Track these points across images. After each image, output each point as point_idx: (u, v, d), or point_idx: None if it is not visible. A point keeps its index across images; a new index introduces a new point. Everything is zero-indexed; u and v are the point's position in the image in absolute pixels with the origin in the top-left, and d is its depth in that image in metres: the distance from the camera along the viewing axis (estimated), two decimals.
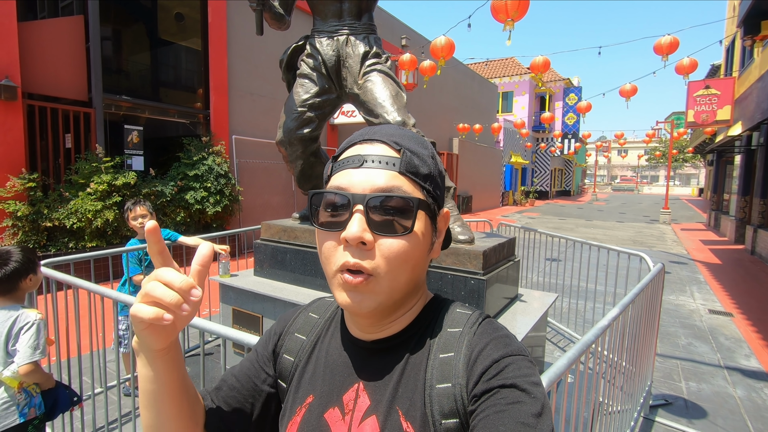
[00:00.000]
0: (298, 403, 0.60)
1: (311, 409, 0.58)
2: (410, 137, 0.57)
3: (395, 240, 0.51)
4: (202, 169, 6.84)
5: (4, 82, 4.99)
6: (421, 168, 0.54)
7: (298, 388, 0.61)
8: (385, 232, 0.51)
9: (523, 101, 25.44)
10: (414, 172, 0.54)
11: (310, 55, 2.57)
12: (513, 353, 0.50)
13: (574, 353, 1.30)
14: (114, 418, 2.52)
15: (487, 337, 0.53)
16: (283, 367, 0.65)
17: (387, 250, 0.50)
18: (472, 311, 0.58)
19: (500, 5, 4.20)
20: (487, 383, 0.48)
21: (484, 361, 0.49)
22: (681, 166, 49.04)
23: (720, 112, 10.05)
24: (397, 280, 0.52)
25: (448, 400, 0.50)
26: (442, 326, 0.57)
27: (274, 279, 2.75)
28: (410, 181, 0.53)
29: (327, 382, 0.58)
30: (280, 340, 0.67)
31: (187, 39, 7.61)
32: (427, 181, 0.55)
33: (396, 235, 0.51)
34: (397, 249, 0.51)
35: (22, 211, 5.05)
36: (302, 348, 0.64)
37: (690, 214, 19.90)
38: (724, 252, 9.35)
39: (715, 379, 3.41)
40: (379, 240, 0.50)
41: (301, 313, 0.70)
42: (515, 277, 2.55)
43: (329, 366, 0.60)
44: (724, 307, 5.31)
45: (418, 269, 0.55)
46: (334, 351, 0.61)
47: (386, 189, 0.51)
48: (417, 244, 0.53)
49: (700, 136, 14.88)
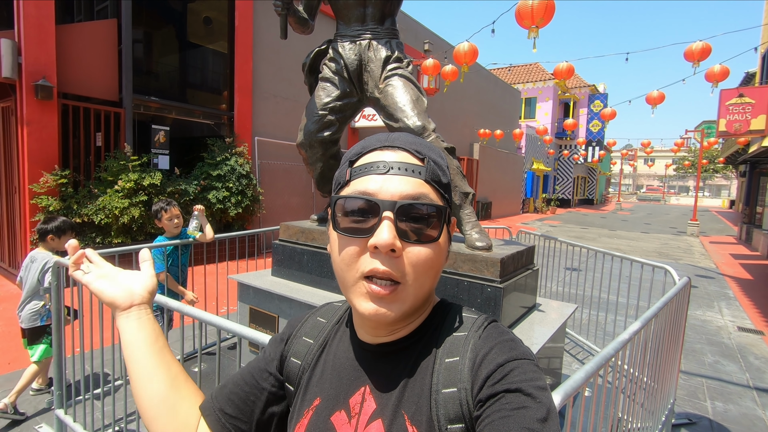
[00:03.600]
0: (305, 405, 0.60)
1: (318, 412, 0.58)
2: (429, 147, 0.57)
3: (423, 248, 0.51)
4: (224, 170, 6.98)
5: (41, 83, 5.21)
6: (443, 177, 0.55)
7: (306, 391, 0.62)
8: (412, 240, 0.51)
9: (546, 107, 25.06)
10: (437, 181, 0.54)
11: (333, 59, 2.60)
12: (518, 357, 0.49)
13: (592, 367, 1.27)
14: (133, 410, 2.59)
15: (492, 341, 0.52)
16: (290, 370, 0.65)
17: (415, 258, 0.51)
18: (478, 315, 0.58)
19: (525, 11, 4.15)
20: (491, 388, 0.47)
21: (489, 366, 0.49)
22: (711, 177, 47.37)
23: (754, 121, 9.65)
24: (422, 288, 0.52)
25: (454, 405, 0.49)
26: (448, 330, 0.56)
27: (291, 280, 2.77)
28: (434, 190, 0.54)
29: (334, 385, 0.59)
30: (288, 344, 0.68)
31: (215, 42, 7.80)
32: (447, 190, 0.56)
33: (423, 243, 0.51)
34: (425, 257, 0.51)
35: (54, 206, 5.26)
36: (309, 351, 0.65)
37: (720, 227, 19.17)
38: (756, 267, 8.96)
39: (743, 400, 3.26)
40: (407, 248, 0.51)
41: (309, 318, 0.71)
42: (534, 286, 2.51)
43: (336, 369, 0.60)
44: (755, 325, 5.09)
45: (438, 276, 0.56)
46: (341, 354, 0.61)
47: (414, 196, 0.51)
48: (441, 251, 0.54)
49: (732, 146, 14.34)
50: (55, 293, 2.29)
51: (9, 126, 5.67)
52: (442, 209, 0.52)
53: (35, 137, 5.30)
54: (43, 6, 5.27)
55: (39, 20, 5.24)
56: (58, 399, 2.39)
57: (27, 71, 5.19)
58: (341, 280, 0.54)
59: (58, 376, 2.39)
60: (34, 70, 5.24)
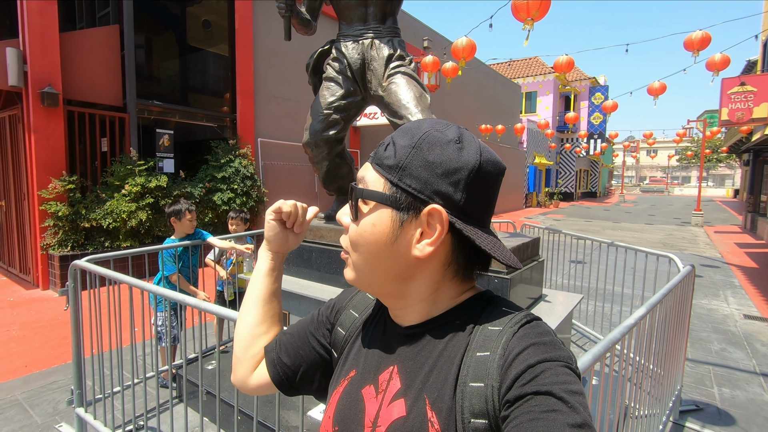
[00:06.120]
0: (343, 375, 0.65)
1: (352, 383, 0.62)
2: (407, 129, 0.57)
3: (353, 224, 0.59)
4: (229, 171, 7.04)
5: (47, 90, 5.28)
6: (387, 160, 0.55)
7: (345, 361, 0.66)
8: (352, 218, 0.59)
9: (547, 101, 25.00)
10: (379, 163, 0.56)
11: (336, 58, 2.64)
12: (552, 359, 0.47)
13: (600, 349, 1.31)
14: (152, 407, 2.65)
15: (527, 341, 0.50)
16: (336, 338, 0.71)
17: (350, 233, 0.59)
18: (518, 311, 0.56)
19: (521, 5, 4.18)
20: (520, 389, 0.45)
21: (519, 366, 0.47)
22: (714, 167, 47.11)
23: (756, 109, 9.61)
24: (356, 262, 0.59)
25: (479, 400, 0.49)
26: (484, 322, 0.55)
27: (300, 277, 2.82)
28: (376, 172, 0.57)
29: (368, 360, 0.62)
30: (338, 313, 0.73)
31: (215, 45, 7.85)
32: (392, 172, 0.54)
33: (353, 220, 0.59)
34: (353, 232, 0.58)
35: (63, 212, 5.33)
36: (353, 324, 0.70)
37: (724, 216, 19.10)
38: (761, 255, 8.95)
39: (750, 386, 3.29)
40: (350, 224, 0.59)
41: (360, 291, 0.75)
42: (539, 278, 2.54)
43: (372, 345, 0.64)
44: (761, 313, 5.10)
45: (376, 259, 0.56)
46: (378, 332, 0.65)
47: (357, 179, 0.59)
48: (370, 233, 0.56)
49: (735, 135, 14.28)
50: (73, 296, 2.35)
51: (16, 133, 5.75)
52: (356, 190, 0.57)
53: (42, 144, 5.37)
54: (47, 14, 5.33)
55: (43, 28, 5.31)
56: (78, 398, 2.46)
57: (32, 79, 5.26)
58: None
59: (77, 376, 2.45)
60: (39, 78, 5.30)
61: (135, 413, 2.30)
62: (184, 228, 3.18)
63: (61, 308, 4.77)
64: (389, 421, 0.54)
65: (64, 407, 2.79)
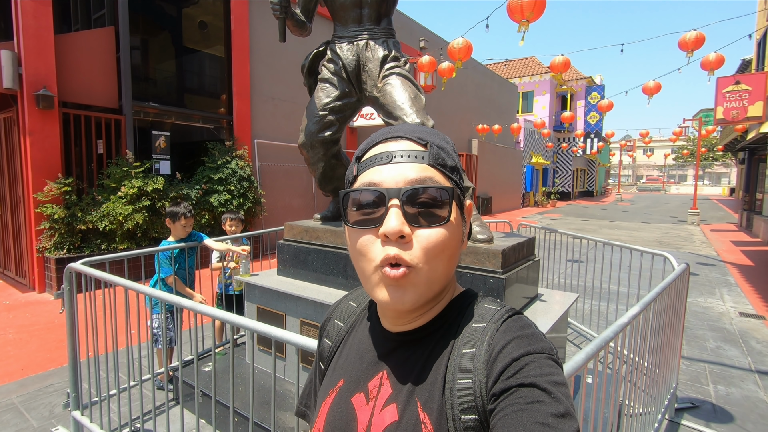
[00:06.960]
0: (331, 385, 0.64)
1: (341, 393, 0.61)
2: (432, 133, 0.58)
3: (433, 230, 0.51)
4: (225, 173, 7.03)
5: (42, 92, 5.26)
6: (448, 160, 0.56)
7: (333, 372, 0.66)
8: (422, 224, 0.51)
9: (543, 101, 25.06)
10: (442, 164, 0.55)
11: (331, 60, 2.64)
12: (535, 351, 0.48)
13: (593, 348, 1.32)
14: (148, 409, 2.64)
15: (510, 335, 0.51)
16: (323, 350, 0.71)
17: (425, 241, 0.51)
18: (500, 307, 0.57)
19: (516, 6, 4.19)
20: (505, 382, 0.47)
21: (504, 360, 0.48)
22: (710, 165, 47.28)
23: (751, 108, 9.67)
24: (435, 270, 0.52)
25: (468, 396, 0.49)
26: (468, 321, 0.56)
27: (297, 278, 2.82)
28: (440, 173, 0.54)
29: (356, 369, 0.62)
30: (324, 326, 0.74)
31: (211, 46, 7.84)
32: (453, 172, 0.56)
33: (433, 225, 0.51)
34: (435, 239, 0.51)
35: (59, 214, 5.31)
36: (339, 334, 0.69)
37: (720, 215, 19.19)
38: (757, 253, 9.00)
39: (745, 383, 3.31)
40: (416, 231, 0.51)
41: (343, 301, 0.75)
42: (535, 277, 2.56)
43: (360, 353, 0.63)
44: (756, 310, 5.13)
45: (453, 260, 0.55)
46: (365, 339, 0.64)
47: (419, 181, 0.52)
48: (452, 233, 0.53)
49: (731, 133, 14.35)
50: (68, 298, 2.34)
51: (12, 136, 5.73)
52: (448, 190, 0.52)
53: (38, 146, 5.35)
54: (42, 16, 5.32)
55: (38, 30, 5.29)
56: (74, 401, 2.45)
57: (28, 81, 5.24)
58: (360, 272, 0.55)
59: (73, 379, 2.45)
60: (34, 80, 5.29)
61: (131, 416, 2.30)
62: (177, 232, 3.17)
63: (57, 311, 4.76)
64: (382, 427, 0.54)
65: (61, 410, 2.78)
